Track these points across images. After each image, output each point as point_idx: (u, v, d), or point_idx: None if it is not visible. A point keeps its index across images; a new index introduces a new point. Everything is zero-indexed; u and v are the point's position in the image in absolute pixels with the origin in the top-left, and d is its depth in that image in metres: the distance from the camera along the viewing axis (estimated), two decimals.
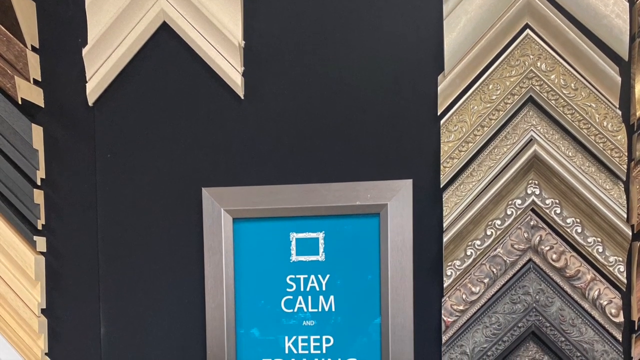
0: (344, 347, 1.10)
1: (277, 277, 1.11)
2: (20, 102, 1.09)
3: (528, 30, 1.02)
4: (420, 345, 1.09)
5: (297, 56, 1.09)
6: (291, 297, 1.11)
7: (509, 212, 1.05)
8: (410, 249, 1.07)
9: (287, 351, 1.11)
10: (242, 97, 1.10)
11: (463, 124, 1.05)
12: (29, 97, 1.10)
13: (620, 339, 1.03)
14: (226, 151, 1.11)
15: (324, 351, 1.10)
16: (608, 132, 1.02)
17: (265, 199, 1.09)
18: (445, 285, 1.06)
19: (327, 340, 1.10)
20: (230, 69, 1.09)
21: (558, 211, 1.04)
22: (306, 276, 1.10)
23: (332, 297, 1.10)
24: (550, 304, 1.04)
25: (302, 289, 1.10)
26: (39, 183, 1.13)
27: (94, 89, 1.12)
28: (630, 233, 1.02)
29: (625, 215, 1.03)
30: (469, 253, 1.05)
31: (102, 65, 1.11)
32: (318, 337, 1.10)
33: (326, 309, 1.10)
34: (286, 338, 1.11)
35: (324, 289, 1.10)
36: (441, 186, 1.06)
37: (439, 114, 1.06)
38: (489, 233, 1.05)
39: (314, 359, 1.11)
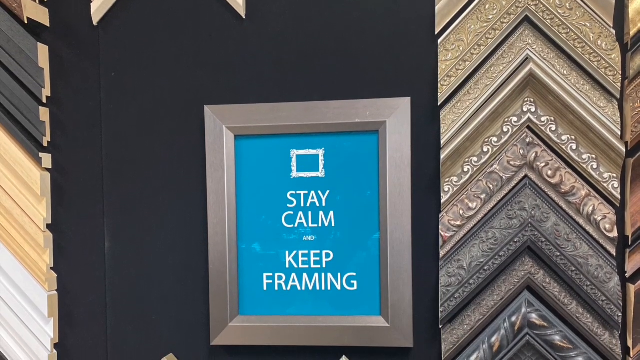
0: (344, 262, 1.11)
1: (277, 193, 1.12)
2: (26, 22, 1.11)
3: None
4: (419, 259, 1.10)
5: None
6: (292, 212, 1.12)
7: (505, 129, 1.07)
8: (408, 166, 1.08)
9: (287, 265, 1.13)
10: (244, 17, 1.12)
11: (460, 43, 1.07)
12: (35, 17, 1.12)
13: (614, 254, 1.05)
14: (228, 70, 1.13)
15: (323, 266, 1.12)
16: (602, 51, 1.04)
17: (266, 116, 1.10)
18: (442, 201, 1.07)
19: (327, 255, 1.12)
20: None
21: (553, 128, 1.06)
22: (306, 192, 1.12)
23: (331, 213, 1.11)
24: (545, 219, 1.05)
25: (302, 205, 1.12)
26: (44, 101, 1.14)
27: (98, 8, 1.14)
28: (624, 150, 1.04)
29: (619, 133, 1.04)
30: (465, 169, 1.07)
31: None
32: (318, 251, 1.12)
33: (326, 224, 1.11)
34: (287, 253, 1.12)
35: (324, 204, 1.11)
36: (439, 104, 1.07)
37: (436, 33, 1.08)
38: (485, 150, 1.07)
39: (314, 274, 1.12)
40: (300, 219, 1.12)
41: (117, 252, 1.17)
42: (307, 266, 1.12)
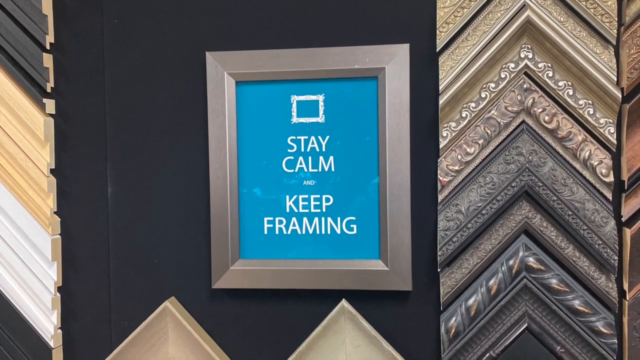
0: (343, 206, 1.13)
1: (278, 138, 1.13)
2: None
3: None
4: (417, 204, 1.11)
5: None
6: (292, 157, 1.13)
7: (502, 76, 1.08)
8: (407, 111, 1.09)
9: (287, 210, 1.14)
10: None
11: None
12: None
13: (611, 198, 1.06)
14: (229, 16, 1.14)
15: (323, 210, 1.13)
16: None
17: (267, 62, 1.11)
18: (441, 146, 1.08)
19: (327, 200, 1.13)
20: None
21: (550, 74, 1.07)
22: (306, 137, 1.13)
23: (331, 158, 1.12)
24: (542, 164, 1.07)
25: (302, 150, 1.13)
26: (48, 47, 1.15)
27: None
28: (620, 95, 1.05)
29: (615, 79, 1.05)
30: (464, 115, 1.08)
31: None
32: (318, 196, 1.13)
33: (326, 169, 1.13)
34: (287, 197, 1.14)
35: (323, 149, 1.13)
36: (437, 50, 1.08)
37: None
38: (483, 95, 1.08)
39: (314, 218, 1.13)
40: (301, 164, 1.13)
41: (120, 196, 1.18)
42: (307, 210, 1.13)
